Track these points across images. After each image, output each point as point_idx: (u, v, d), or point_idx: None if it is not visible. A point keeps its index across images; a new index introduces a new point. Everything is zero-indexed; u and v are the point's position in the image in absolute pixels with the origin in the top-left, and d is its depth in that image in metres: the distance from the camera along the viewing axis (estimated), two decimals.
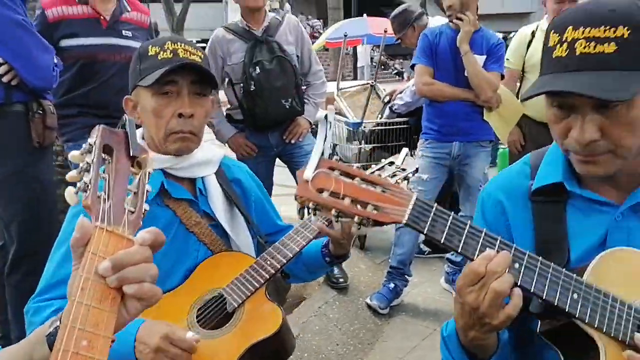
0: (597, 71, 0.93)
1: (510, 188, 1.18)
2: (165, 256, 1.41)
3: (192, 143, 1.43)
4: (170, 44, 1.40)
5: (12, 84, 2.26)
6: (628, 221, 1.08)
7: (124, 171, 0.84)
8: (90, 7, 2.74)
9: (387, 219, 0.95)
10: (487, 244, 0.96)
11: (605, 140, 0.97)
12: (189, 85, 1.39)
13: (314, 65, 3.36)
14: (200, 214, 1.47)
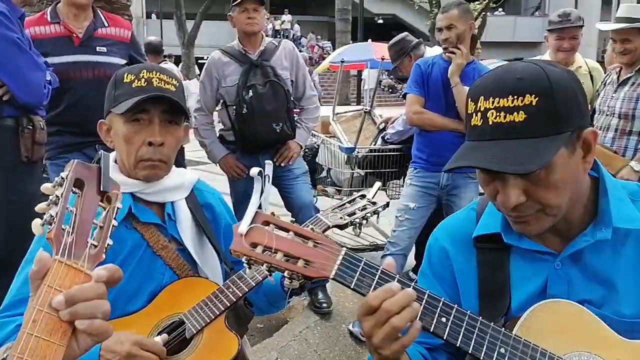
0: (510, 140, 0.95)
1: (455, 234, 1.21)
2: (131, 278, 1.44)
3: (160, 171, 1.46)
4: (145, 72, 1.43)
5: (4, 99, 2.31)
6: (568, 269, 1.09)
7: (92, 206, 0.87)
8: (63, 25, 2.79)
9: (315, 274, 0.99)
10: (443, 312, 0.99)
11: (531, 202, 1.00)
12: (160, 114, 1.42)
13: (308, 90, 3.41)
14: (168, 238, 1.49)
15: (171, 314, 1.41)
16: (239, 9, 3.14)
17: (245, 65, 3.15)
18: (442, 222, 1.29)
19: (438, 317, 0.98)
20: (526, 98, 0.94)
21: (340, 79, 4.81)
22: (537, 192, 0.98)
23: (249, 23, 3.14)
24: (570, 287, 1.08)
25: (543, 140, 0.94)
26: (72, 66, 2.77)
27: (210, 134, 3.33)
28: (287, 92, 3.18)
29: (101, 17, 2.92)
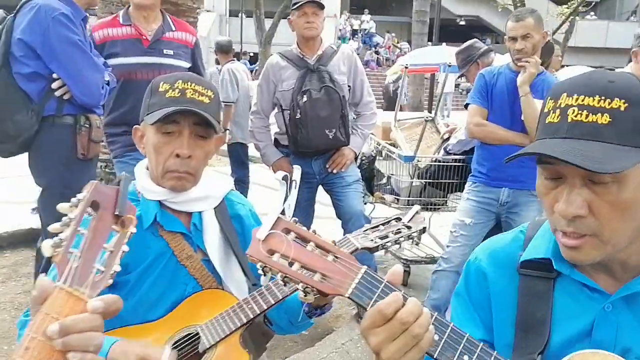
0: (587, 140, 0.85)
1: (498, 255, 1.10)
2: (154, 286, 1.44)
3: (187, 182, 1.45)
4: (180, 83, 1.42)
5: (64, 98, 2.41)
6: (618, 314, 0.97)
7: (105, 229, 0.87)
8: (134, 27, 2.87)
9: (330, 290, 0.91)
10: (451, 340, 0.89)
11: (592, 219, 0.89)
12: (191, 126, 1.41)
13: (366, 96, 3.34)
14: (194, 248, 1.48)
15: (189, 325, 1.39)
16: (298, 12, 3.12)
17: (302, 70, 3.13)
18: (486, 241, 1.18)
19: (459, 355, 0.88)
20: (615, 102, 0.85)
21: (404, 83, 4.69)
22: (601, 208, 0.88)
23: (308, 27, 3.12)
24: (619, 333, 0.96)
25: (623, 149, 0.84)
26: (140, 67, 2.86)
27: (265, 137, 3.34)
28: (342, 97, 3.12)
29: (169, 21, 3.00)
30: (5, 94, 2.39)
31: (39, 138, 2.44)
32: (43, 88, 2.41)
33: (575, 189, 0.89)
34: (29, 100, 2.40)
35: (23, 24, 2.35)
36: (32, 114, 2.40)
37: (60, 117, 2.44)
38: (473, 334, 1.04)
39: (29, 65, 2.38)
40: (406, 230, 1.51)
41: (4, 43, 2.38)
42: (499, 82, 2.99)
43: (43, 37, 2.34)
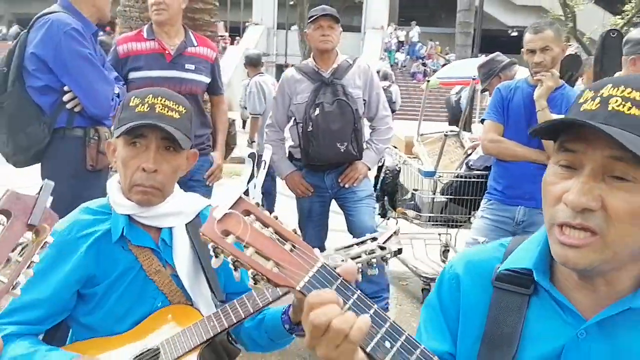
0: (625, 131, 0.79)
1: (474, 265, 1.04)
2: (122, 298, 1.45)
3: (153, 197, 1.45)
4: (151, 97, 1.44)
5: (75, 110, 2.48)
6: (591, 342, 0.90)
7: (11, 240, 0.86)
8: (157, 42, 2.93)
9: (281, 281, 0.86)
10: (389, 336, 0.85)
11: (602, 215, 0.82)
12: (158, 140, 1.42)
13: (381, 110, 3.30)
14: (163, 263, 1.49)
15: (152, 340, 1.39)
16: (314, 25, 3.12)
17: (316, 83, 3.13)
18: (465, 250, 1.14)
19: (381, 339, 0.84)
20: None
21: (425, 96, 4.61)
22: (615, 206, 0.81)
23: (323, 40, 3.12)
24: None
25: None
26: (163, 81, 2.90)
27: (279, 151, 3.35)
28: (355, 111, 3.10)
29: (191, 37, 3.06)
30: (18, 107, 2.47)
31: (50, 150, 2.51)
32: (55, 101, 2.48)
33: (592, 181, 0.82)
34: (41, 113, 2.47)
35: (36, 39, 2.43)
36: (44, 127, 2.47)
37: (71, 129, 2.50)
38: (440, 346, 1.02)
39: (41, 78, 2.45)
40: (379, 251, 1.47)
41: (18, 57, 2.46)
42: (516, 96, 2.90)
43: (55, 51, 2.41)
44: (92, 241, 1.46)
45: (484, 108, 5.45)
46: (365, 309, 0.85)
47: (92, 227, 1.48)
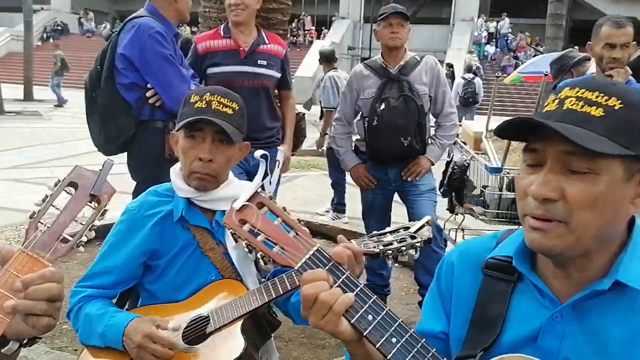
0: (577, 127, 0.88)
1: (468, 254, 1.14)
2: (180, 271, 1.66)
3: (208, 183, 1.64)
4: (208, 95, 1.63)
5: (156, 105, 2.75)
6: (565, 324, 0.98)
7: (78, 206, 1.06)
8: (233, 39, 3.14)
9: (283, 262, 1.04)
10: (372, 311, 0.98)
11: (563, 205, 0.90)
12: (213, 133, 1.60)
13: (447, 107, 3.35)
14: (217, 241, 1.68)
15: (204, 308, 1.58)
16: (384, 23, 3.21)
17: (383, 79, 3.23)
18: (463, 242, 1.25)
19: (364, 313, 0.98)
20: (612, 100, 0.89)
21: (495, 91, 4.54)
22: (573, 196, 0.89)
23: (392, 38, 3.20)
24: (563, 343, 0.98)
25: (607, 141, 0.88)
26: (237, 75, 3.13)
27: (345, 144, 3.48)
28: (420, 107, 3.16)
29: (263, 35, 3.26)
30: (110, 102, 2.78)
31: (135, 140, 2.80)
32: (140, 97, 2.76)
33: (551, 173, 0.91)
34: (128, 107, 2.77)
35: (125, 41, 2.72)
36: (130, 119, 2.77)
37: (153, 122, 2.78)
38: (434, 326, 1.13)
39: (128, 76, 2.74)
40: (410, 239, 1.57)
41: (109, 57, 2.77)
42: None
43: (140, 52, 2.69)
44: (157, 220, 1.67)
45: None
46: (352, 287, 1.00)
47: (158, 207, 1.69)
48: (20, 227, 5.07)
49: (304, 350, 3.05)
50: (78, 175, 1.05)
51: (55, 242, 1.00)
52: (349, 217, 5.77)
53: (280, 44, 3.32)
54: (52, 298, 0.94)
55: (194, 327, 1.55)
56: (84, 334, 1.58)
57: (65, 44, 31.08)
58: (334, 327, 0.98)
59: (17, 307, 0.91)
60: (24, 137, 10.34)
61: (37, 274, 0.94)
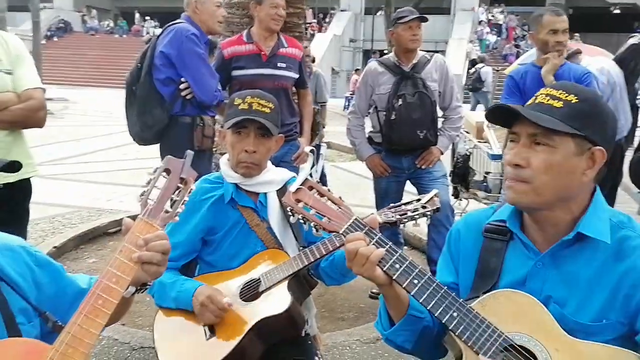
0: (542, 114, 1.23)
1: (471, 222, 1.48)
2: (232, 244, 2.00)
3: (253, 171, 1.98)
4: (249, 98, 1.96)
5: (187, 99, 3.10)
6: (546, 269, 1.31)
7: (172, 186, 1.36)
8: (255, 45, 3.47)
9: (331, 228, 1.39)
10: (398, 261, 1.30)
11: (528, 171, 1.24)
12: (255, 129, 1.94)
13: (454, 101, 3.67)
14: (261, 218, 2.01)
15: (255, 273, 1.92)
16: (404, 26, 3.48)
17: (397, 76, 3.53)
18: (468, 213, 1.57)
19: (393, 263, 1.30)
20: (570, 96, 1.25)
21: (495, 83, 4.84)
22: (536, 163, 1.23)
23: (413, 40, 3.48)
24: (545, 284, 1.30)
25: (562, 124, 1.21)
26: (259, 77, 3.45)
27: (360, 135, 3.78)
28: (433, 102, 3.49)
29: (282, 39, 3.57)
30: (147, 93, 3.12)
31: (167, 132, 3.14)
32: (173, 91, 3.10)
33: (522, 147, 1.26)
34: (163, 100, 3.11)
35: (165, 40, 3.08)
36: (164, 111, 3.11)
37: (182, 117, 3.13)
38: (447, 278, 1.46)
39: (165, 72, 3.08)
40: (421, 209, 1.90)
41: (150, 56, 3.13)
42: (529, 79, 3.23)
43: (177, 50, 3.04)
44: (211, 202, 2.00)
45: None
46: (383, 244, 1.33)
47: (210, 192, 2.02)
48: (54, 219, 5.43)
49: (326, 322, 3.39)
50: (170, 163, 1.36)
51: (160, 212, 1.31)
52: (358, 206, 6.10)
53: (298, 47, 3.64)
54: (165, 251, 1.27)
55: (248, 287, 1.88)
56: (159, 299, 1.91)
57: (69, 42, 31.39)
58: (371, 273, 1.31)
59: (142, 258, 1.23)
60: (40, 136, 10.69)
61: (154, 234, 1.26)
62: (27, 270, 1.33)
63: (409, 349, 1.41)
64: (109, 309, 1.20)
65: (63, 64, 27.72)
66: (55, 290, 1.39)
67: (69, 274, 1.47)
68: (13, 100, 2.42)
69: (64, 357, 1.14)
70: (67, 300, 1.41)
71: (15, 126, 2.48)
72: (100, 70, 27.30)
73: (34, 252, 1.38)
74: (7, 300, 1.24)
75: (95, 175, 7.72)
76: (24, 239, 1.42)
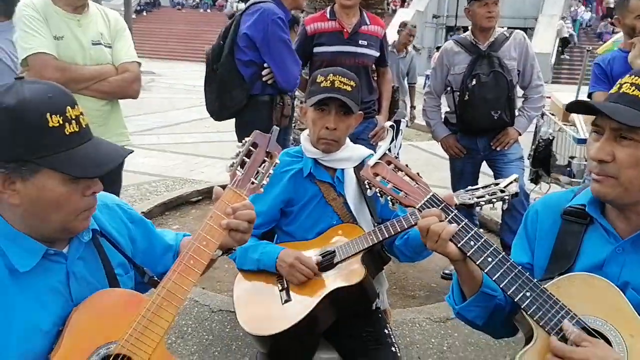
0: (626, 107, 1.20)
1: (550, 203, 1.48)
2: (309, 216, 2.08)
3: (332, 147, 2.04)
4: (331, 76, 1.99)
5: (268, 83, 3.13)
6: (626, 255, 1.30)
7: (259, 159, 1.44)
8: (337, 22, 3.48)
9: (408, 203, 1.41)
10: (473, 238, 1.32)
11: (614, 165, 1.22)
12: (337, 107, 1.99)
13: (535, 80, 3.54)
14: (338, 193, 2.07)
15: (331, 245, 1.99)
16: (479, 3, 3.39)
17: (473, 55, 3.46)
18: (546, 195, 1.56)
19: (467, 240, 1.32)
20: None
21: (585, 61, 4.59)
22: (622, 159, 1.21)
23: (489, 17, 3.39)
24: (623, 269, 1.29)
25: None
26: (340, 54, 3.46)
27: (436, 116, 3.75)
28: (509, 82, 3.38)
29: (365, 16, 3.56)
30: (229, 74, 3.15)
31: (246, 111, 3.17)
32: (254, 73, 3.12)
33: (607, 141, 1.23)
34: (243, 81, 3.14)
35: (249, 22, 3.06)
36: (243, 92, 3.14)
37: (263, 96, 3.15)
38: (522, 258, 1.47)
39: (248, 54, 3.10)
40: (499, 193, 1.89)
41: (232, 34, 3.13)
42: (616, 66, 3.03)
43: (263, 34, 3.03)
44: (291, 175, 2.09)
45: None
46: (458, 221, 1.34)
47: (291, 165, 2.11)
48: (141, 186, 5.78)
49: (396, 300, 3.44)
50: (257, 138, 1.45)
51: (247, 183, 1.40)
52: (435, 186, 6.05)
53: (380, 24, 3.62)
54: (251, 220, 1.37)
55: (324, 258, 1.96)
56: (240, 262, 2.03)
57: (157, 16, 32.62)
58: (444, 249, 1.33)
59: (230, 225, 1.33)
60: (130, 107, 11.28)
61: (241, 203, 1.36)
62: (123, 227, 1.47)
63: (480, 325, 1.44)
64: (199, 269, 1.31)
65: (151, 38, 28.89)
66: (147, 245, 1.53)
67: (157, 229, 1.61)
68: (111, 72, 2.62)
69: (159, 309, 1.26)
70: (156, 254, 1.55)
71: (112, 96, 2.67)
72: (186, 45, 28.23)
73: (128, 209, 1.52)
74: (107, 254, 1.38)
75: (179, 146, 8.09)
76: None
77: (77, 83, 2.52)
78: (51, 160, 1.15)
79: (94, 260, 1.35)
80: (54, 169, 1.16)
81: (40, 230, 1.23)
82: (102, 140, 1.29)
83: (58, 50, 2.48)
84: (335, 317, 1.93)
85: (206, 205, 4.97)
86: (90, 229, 1.33)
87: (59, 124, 1.16)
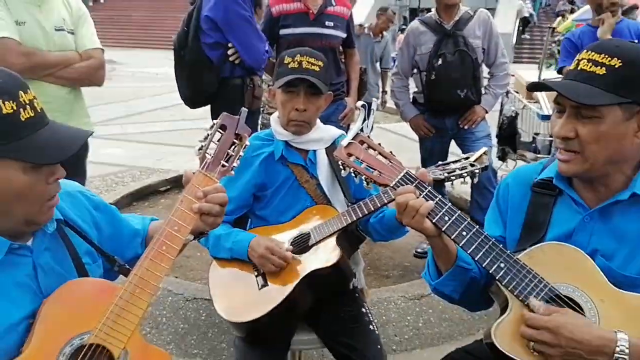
0: (584, 84, 1.22)
1: (520, 176, 1.51)
2: (282, 200, 2.06)
3: (303, 129, 2.02)
4: (299, 56, 1.97)
5: (236, 63, 3.10)
6: (594, 224, 1.34)
7: (228, 142, 1.41)
8: (302, 3, 3.44)
9: (382, 181, 1.42)
10: (447, 213, 1.33)
11: (577, 141, 1.25)
12: (306, 88, 1.96)
13: (499, 57, 3.58)
14: (310, 175, 2.06)
15: (305, 227, 1.98)
16: None
17: (439, 35, 3.47)
18: (518, 168, 1.59)
19: (442, 215, 1.33)
20: (613, 60, 1.22)
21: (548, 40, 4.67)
22: (584, 135, 1.23)
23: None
24: (592, 238, 1.33)
25: (605, 93, 1.20)
26: (307, 36, 3.43)
27: (404, 96, 3.76)
28: (474, 60, 3.41)
29: None
30: (197, 59, 3.11)
31: (217, 94, 3.14)
32: (221, 54, 3.09)
33: (569, 118, 1.25)
34: (211, 64, 3.10)
35: (210, 4, 3.02)
36: (213, 75, 3.11)
37: (233, 78, 3.13)
38: (495, 231, 1.49)
39: (212, 36, 3.06)
40: (470, 167, 1.91)
41: (195, 19, 3.09)
42: (585, 40, 3.12)
43: (223, 13, 3.00)
44: (262, 159, 2.06)
45: None
46: (432, 197, 1.36)
47: (261, 149, 2.08)
48: (107, 177, 5.66)
49: (371, 280, 3.47)
50: (225, 120, 1.42)
51: (218, 166, 1.37)
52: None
53: (346, 5, 3.59)
54: (223, 203, 1.34)
55: (299, 241, 1.95)
56: (213, 250, 2.00)
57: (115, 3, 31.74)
58: (420, 225, 1.34)
59: (202, 208, 1.30)
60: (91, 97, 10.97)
61: (212, 187, 1.33)
62: (87, 214, 1.43)
63: (457, 298, 1.46)
64: (172, 254, 1.28)
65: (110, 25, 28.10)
66: (112, 231, 1.49)
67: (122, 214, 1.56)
68: (76, 58, 2.54)
69: (132, 296, 1.23)
70: (123, 240, 1.51)
71: (77, 83, 2.60)
72: (147, 32, 27.59)
73: (91, 196, 1.48)
74: (73, 243, 1.34)
75: (144, 135, 7.94)
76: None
77: (43, 69, 2.44)
78: (9, 149, 1.10)
79: (61, 251, 1.31)
80: (13, 159, 1.11)
81: (3, 224, 1.19)
82: (60, 124, 1.24)
83: (21, 36, 2.38)
84: (314, 299, 1.93)
85: (176, 194, 4.90)
86: (54, 219, 1.28)
87: (13, 110, 1.11)
